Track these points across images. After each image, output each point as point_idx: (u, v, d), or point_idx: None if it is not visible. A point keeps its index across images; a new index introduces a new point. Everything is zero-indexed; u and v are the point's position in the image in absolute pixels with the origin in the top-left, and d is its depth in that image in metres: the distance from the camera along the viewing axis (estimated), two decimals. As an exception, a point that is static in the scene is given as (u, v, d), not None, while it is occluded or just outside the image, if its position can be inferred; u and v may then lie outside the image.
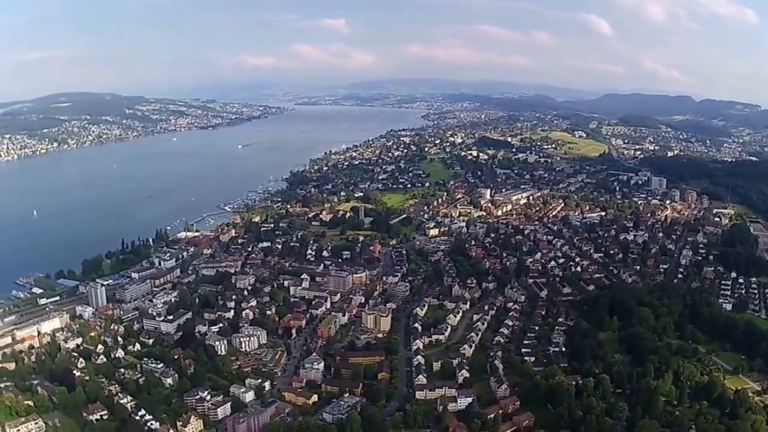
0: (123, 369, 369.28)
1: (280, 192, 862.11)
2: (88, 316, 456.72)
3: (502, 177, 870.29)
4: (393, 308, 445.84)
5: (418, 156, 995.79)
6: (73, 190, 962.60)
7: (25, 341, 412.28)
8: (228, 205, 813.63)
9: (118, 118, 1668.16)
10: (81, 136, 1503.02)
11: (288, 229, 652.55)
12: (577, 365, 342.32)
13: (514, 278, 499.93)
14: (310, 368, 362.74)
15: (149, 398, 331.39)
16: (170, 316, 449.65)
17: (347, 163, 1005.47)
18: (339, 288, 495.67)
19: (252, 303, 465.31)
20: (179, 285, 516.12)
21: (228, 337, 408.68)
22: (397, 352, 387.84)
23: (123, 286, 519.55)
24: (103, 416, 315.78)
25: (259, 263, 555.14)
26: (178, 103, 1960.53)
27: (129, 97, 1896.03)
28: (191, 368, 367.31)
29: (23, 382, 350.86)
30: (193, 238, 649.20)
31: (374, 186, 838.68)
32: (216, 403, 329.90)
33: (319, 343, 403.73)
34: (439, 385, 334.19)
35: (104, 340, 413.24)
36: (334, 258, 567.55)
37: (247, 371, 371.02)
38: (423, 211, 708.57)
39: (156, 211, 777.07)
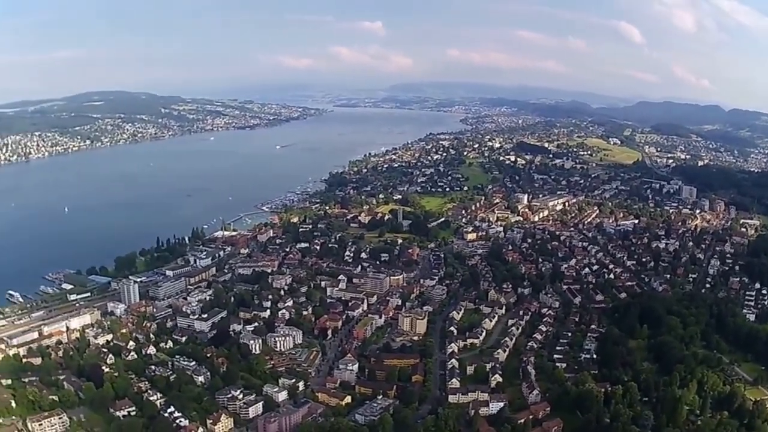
0: (154, 366, 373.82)
1: (318, 193, 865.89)
2: (119, 313, 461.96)
3: (539, 182, 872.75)
4: (429, 311, 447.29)
5: (457, 160, 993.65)
6: (107, 187, 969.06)
7: (53, 337, 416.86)
8: (266, 205, 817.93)
9: (153, 117, 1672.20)
10: (115, 135, 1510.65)
11: (326, 230, 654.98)
12: (607, 372, 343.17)
13: (549, 284, 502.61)
14: (344, 369, 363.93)
15: (180, 396, 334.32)
16: (205, 314, 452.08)
17: (386, 166, 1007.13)
18: (376, 290, 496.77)
19: (288, 303, 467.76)
20: (215, 283, 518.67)
21: (263, 337, 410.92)
22: (432, 355, 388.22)
23: (157, 283, 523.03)
24: (130, 412, 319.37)
25: (296, 263, 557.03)
26: (215, 103, 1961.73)
27: (165, 97, 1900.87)
28: (224, 367, 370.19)
29: (49, 377, 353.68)
30: (230, 237, 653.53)
31: (413, 189, 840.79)
32: (248, 402, 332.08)
33: (354, 344, 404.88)
34: (472, 389, 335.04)
35: (135, 337, 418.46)
36: (372, 260, 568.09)
37: (281, 371, 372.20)
38: (461, 215, 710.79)
39: (193, 210, 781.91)
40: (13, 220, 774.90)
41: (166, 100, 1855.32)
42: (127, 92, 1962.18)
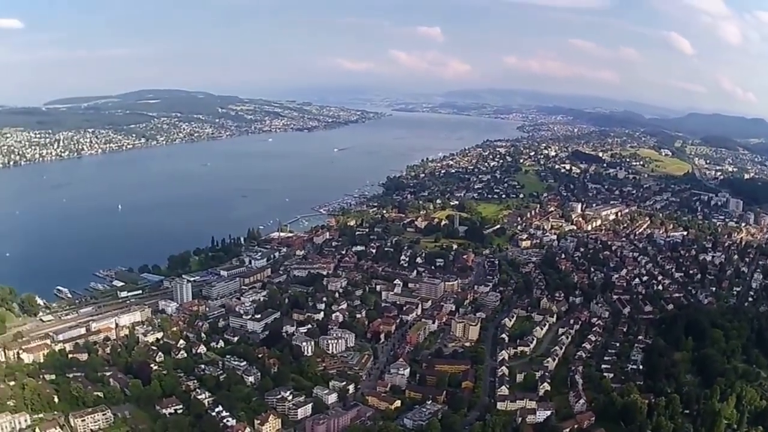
0: (204, 365, 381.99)
1: (376, 197, 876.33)
2: (171, 312, 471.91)
3: (593, 192, 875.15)
4: (482, 318, 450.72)
5: (513, 167, 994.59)
6: (162, 186, 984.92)
7: (101, 333, 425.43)
8: (323, 208, 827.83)
9: (210, 117, 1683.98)
10: (171, 133, 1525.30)
11: (383, 234, 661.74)
12: (652, 384, 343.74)
13: (600, 294, 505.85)
14: (395, 373, 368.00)
15: (228, 395, 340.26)
16: (258, 314, 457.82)
17: (444, 171, 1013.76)
18: (431, 295, 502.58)
19: (342, 306, 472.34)
20: (269, 284, 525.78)
21: (316, 339, 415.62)
22: (483, 361, 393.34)
23: (210, 283, 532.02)
24: (177, 410, 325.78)
25: (352, 267, 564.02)
26: (273, 104, 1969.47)
27: (222, 97, 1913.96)
28: (275, 368, 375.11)
29: (95, 373, 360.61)
30: (286, 239, 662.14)
31: (470, 195, 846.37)
32: (297, 403, 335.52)
33: (406, 348, 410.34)
34: (520, 396, 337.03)
35: (186, 336, 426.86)
36: (427, 265, 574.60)
37: (332, 373, 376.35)
38: (516, 222, 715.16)
39: (249, 210, 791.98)
40: (64, 216, 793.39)
41: (224, 100, 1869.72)
42: (183, 91, 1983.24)
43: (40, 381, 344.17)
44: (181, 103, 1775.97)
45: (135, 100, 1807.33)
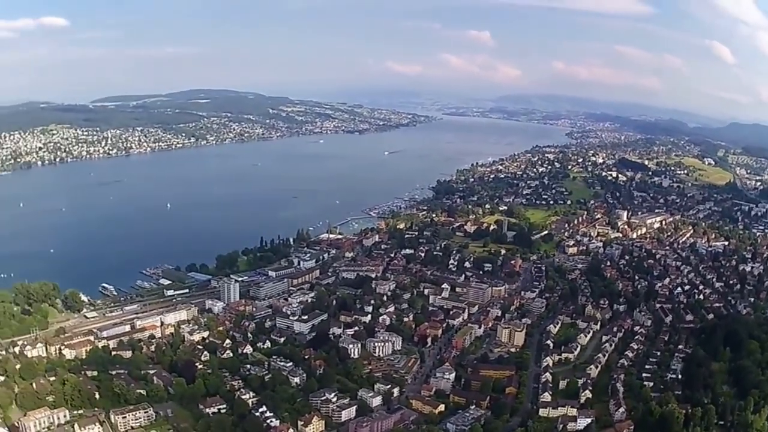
0: (249, 365, 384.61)
1: (426, 200, 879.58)
2: (217, 311, 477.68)
3: (638, 199, 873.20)
4: (528, 324, 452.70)
5: (562, 173, 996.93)
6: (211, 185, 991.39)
7: (146, 331, 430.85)
8: (373, 210, 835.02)
9: (260, 118, 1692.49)
10: (221, 133, 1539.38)
11: (432, 237, 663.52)
12: (690, 394, 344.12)
13: (643, 302, 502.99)
14: (440, 378, 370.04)
15: (273, 396, 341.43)
16: (305, 316, 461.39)
17: (493, 176, 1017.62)
18: (478, 300, 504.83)
19: (390, 309, 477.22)
20: (317, 286, 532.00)
21: (362, 341, 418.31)
22: (527, 367, 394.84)
23: (258, 283, 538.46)
24: (220, 410, 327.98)
25: (400, 270, 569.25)
26: (324, 106, 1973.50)
27: (273, 98, 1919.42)
28: (321, 369, 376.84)
29: (138, 370, 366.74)
30: (336, 241, 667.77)
31: (518, 200, 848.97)
32: (342, 405, 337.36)
33: (452, 353, 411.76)
34: (562, 403, 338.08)
35: (232, 336, 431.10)
36: (475, 269, 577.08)
37: (377, 376, 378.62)
38: (564, 228, 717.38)
39: (298, 211, 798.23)
40: (111, 213, 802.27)
41: (274, 101, 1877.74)
42: (233, 91, 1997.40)
43: (81, 377, 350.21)
44: (231, 103, 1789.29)
45: (185, 100, 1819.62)
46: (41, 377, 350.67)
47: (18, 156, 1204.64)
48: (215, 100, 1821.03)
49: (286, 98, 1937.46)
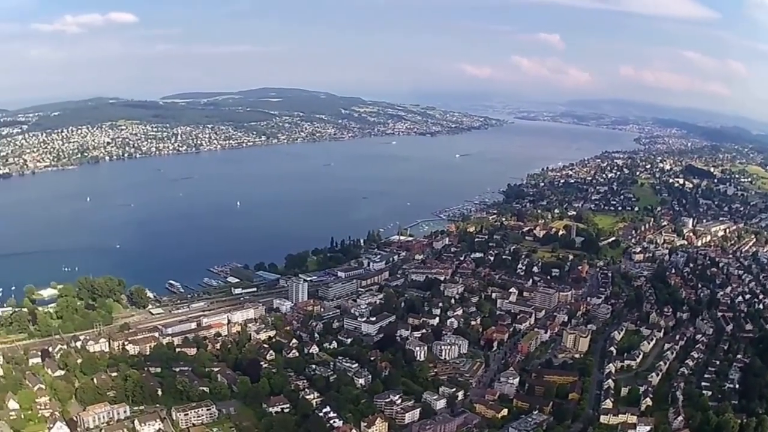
0: (315, 365, 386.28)
1: (496, 204, 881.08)
2: (285, 310, 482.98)
3: (703, 207, 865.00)
4: (593, 330, 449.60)
5: (630, 179, 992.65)
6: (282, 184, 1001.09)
7: (212, 328, 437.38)
8: (443, 213, 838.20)
9: (332, 117, 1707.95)
10: (292, 132, 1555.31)
11: (501, 241, 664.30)
12: (746, 403, 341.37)
13: (706, 310, 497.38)
14: (505, 382, 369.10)
15: (337, 396, 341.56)
16: (373, 317, 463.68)
17: (563, 181, 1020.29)
18: (544, 305, 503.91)
19: (458, 312, 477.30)
20: (386, 288, 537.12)
21: (429, 344, 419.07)
22: (590, 373, 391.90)
23: (327, 283, 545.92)
24: (284, 409, 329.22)
25: (469, 273, 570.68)
26: (396, 107, 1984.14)
27: (345, 98, 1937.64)
28: (386, 371, 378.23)
29: (202, 368, 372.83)
30: (406, 243, 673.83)
31: (587, 206, 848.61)
32: (405, 407, 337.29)
33: (518, 357, 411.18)
34: (623, 410, 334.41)
35: (299, 335, 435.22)
36: (543, 274, 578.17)
37: (442, 379, 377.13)
38: (630, 235, 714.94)
39: (369, 212, 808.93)
40: (180, 210, 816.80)
41: (346, 101, 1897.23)
42: (305, 90, 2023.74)
43: (144, 373, 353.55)
44: (302, 102, 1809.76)
45: (256, 98, 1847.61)
46: (103, 372, 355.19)
47: (85, 151, 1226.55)
48: (287, 99, 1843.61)
49: (358, 98, 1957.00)
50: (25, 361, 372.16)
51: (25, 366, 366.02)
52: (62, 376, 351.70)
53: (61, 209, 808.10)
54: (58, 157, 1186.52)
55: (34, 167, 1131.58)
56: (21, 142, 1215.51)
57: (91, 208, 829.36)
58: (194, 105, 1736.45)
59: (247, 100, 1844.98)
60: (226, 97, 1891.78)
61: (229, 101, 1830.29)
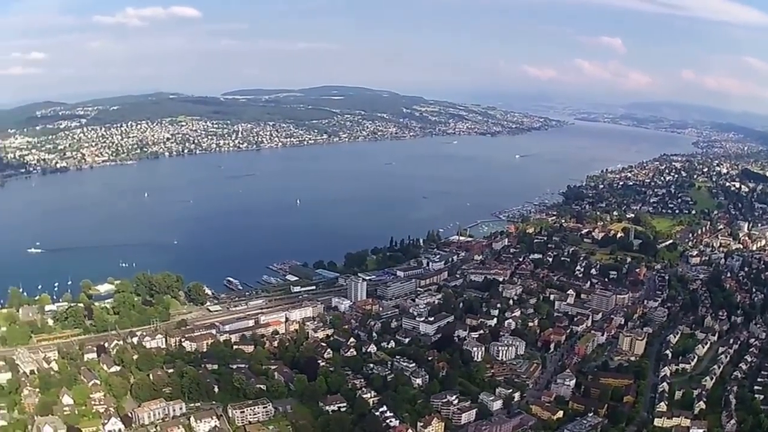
0: (372, 364, 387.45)
1: (555, 205, 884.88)
2: (343, 309, 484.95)
3: (759, 211, 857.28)
4: (649, 332, 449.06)
5: (687, 182, 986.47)
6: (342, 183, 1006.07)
7: (270, 326, 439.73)
8: (503, 214, 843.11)
9: (394, 116, 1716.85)
10: (354, 131, 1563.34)
11: (560, 243, 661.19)
12: None
13: (759, 314, 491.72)
14: (561, 384, 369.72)
15: (394, 396, 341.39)
16: (431, 317, 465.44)
17: (621, 183, 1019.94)
18: (602, 307, 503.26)
19: (516, 313, 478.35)
20: (445, 288, 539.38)
21: (486, 345, 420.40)
22: (645, 376, 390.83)
23: (386, 283, 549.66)
24: (340, 408, 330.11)
25: (527, 274, 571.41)
26: (458, 107, 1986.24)
27: (407, 97, 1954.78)
28: (444, 371, 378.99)
29: (259, 365, 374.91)
30: (465, 243, 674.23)
31: (645, 209, 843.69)
32: (462, 408, 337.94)
33: (574, 359, 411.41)
34: (677, 414, 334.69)
35: (357, 334, 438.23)
36: (601, 277, 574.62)
37: (499, 380, 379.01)
38: (687, 238, 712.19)
39: (429, 212, 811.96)
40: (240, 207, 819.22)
41: (409, 100, 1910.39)
42: (367, 89, 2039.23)
43: (200, 370, 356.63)
44: (364, 100, 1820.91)
45: (318, 96, 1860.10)
46: (159, 368, 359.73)
47: (145, 146, 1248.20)
48: (349, 97, 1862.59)
49: (420, 98, 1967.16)
50: (80, 356, 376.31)
51: (80, 361, 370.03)
52: (118, 372, 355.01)
53: (119, 204, 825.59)
54: (117, 151, 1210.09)
55: (93, 161, 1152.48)
56: (79, 135, 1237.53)
57: (149, 203, 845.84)
58: (255, 102, 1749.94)
59: (309, 98, 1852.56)
60: (288, 94, 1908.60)
61: (290, 98, 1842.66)
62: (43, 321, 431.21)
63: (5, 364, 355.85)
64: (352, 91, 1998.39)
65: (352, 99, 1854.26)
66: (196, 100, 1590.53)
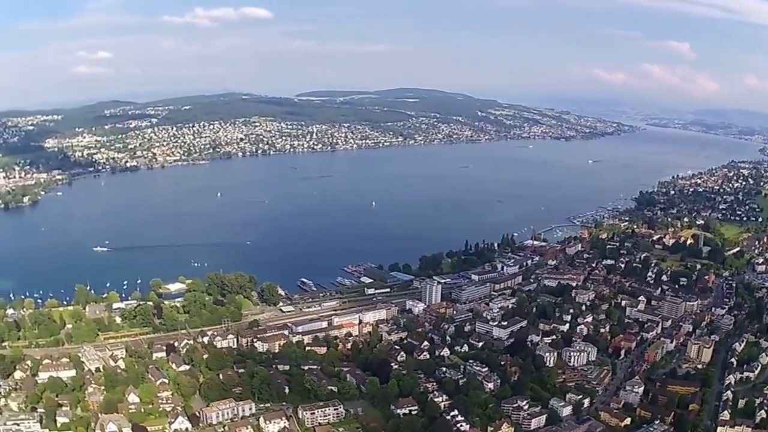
0: (445, 368, 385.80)
1: (627, 211, 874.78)
2: (417, 312, 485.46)
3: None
4: (716, 340, 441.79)
5: (754, 190, 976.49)
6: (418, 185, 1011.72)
7: (343, 328, 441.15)
8: (577, 219, 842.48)
9: (469, 120, 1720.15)
10: (429, 134, 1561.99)
11: (632, 249, 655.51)
12: None
13: None
14: (630, 391, 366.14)
15: (466, 400, 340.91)
16: (504, 321, 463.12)
17: (692, 189, 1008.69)
18: (671, 314, 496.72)
19: (588, 319, 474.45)
20: (518, 292, 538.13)
21: (559, 350, 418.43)
22: (711, 384, 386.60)
23: (461, 286, 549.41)
24: (411, 411, 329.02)
25: (600, 280, 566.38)
26: (531, 111, 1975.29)
27: (482, 100, 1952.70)
28: (515, 376, 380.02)
29: (331, 367, 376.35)
30: (540, 248, 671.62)
31: (714, 215, 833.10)
32: (532, 413, 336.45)
33: (643, 366, 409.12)
34: (738, 422, 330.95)
35: (431, 337, 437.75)
36: (671, 283, 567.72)
37: (570, 386, 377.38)
38: (754, 246, 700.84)
39: (504, 216, 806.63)
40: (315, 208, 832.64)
41: (483, 103, 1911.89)
42: (442, 92, 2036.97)
43: (272, 371, 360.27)
44: (439, 103, 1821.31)
45: (393, 98, 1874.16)
46: (229, 368, 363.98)
47: (217, 146, 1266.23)
48: (424, 99, 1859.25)
49: (494, 101, 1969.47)
50: (148, 354, 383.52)
51: (148, 360, 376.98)
52: (187, 371, 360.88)
53: (191, 204, 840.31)
54: (189, 151, 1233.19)
55: (164, 161, 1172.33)
56: (150, 135, 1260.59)
57: (221, 203, 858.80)
58: (330, 103, 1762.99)
59: (384, 100, 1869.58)
60: (363, 96, 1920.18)
61: (365, 100, 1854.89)
62: (111, 319, 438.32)
63: (70, 361, 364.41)
64: (427, 93, 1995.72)
65: (426, 101, 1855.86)
66: (269, 101, 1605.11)
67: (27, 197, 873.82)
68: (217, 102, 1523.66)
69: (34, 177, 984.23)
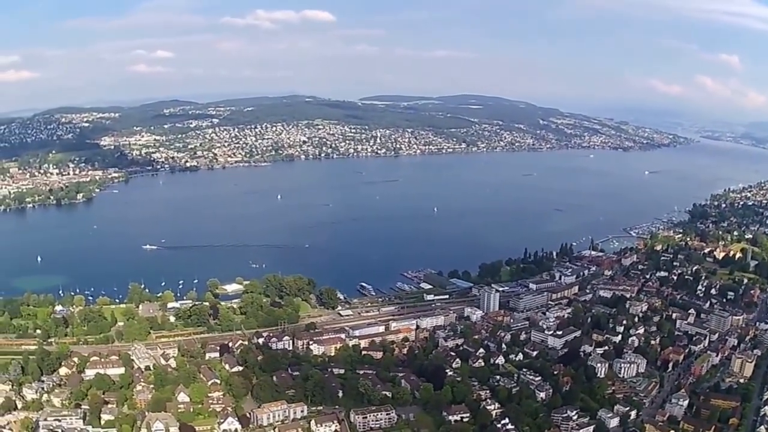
0: (499, 376, 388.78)
1: (681, 223, 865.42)
2: (475, 319, 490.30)
3: None
4: (758, 355, 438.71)
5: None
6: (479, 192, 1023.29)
7: (400, 333, 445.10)
8: (633, 230, 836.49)
9: (531, 128, 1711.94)
10: (492, 141, 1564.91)
11: (684, 261, 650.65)
12: None
13: None
14: (675, 404, 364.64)
15: (517, 408, 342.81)
16: (559, 331, 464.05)
17: (742, 203, 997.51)
18: (718, 328, 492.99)
19: (639, 330, 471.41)
20: (575, 302, 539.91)
21: (610, 361, 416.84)
22: (751, 399, 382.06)
23: (518, 294, 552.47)
24: (463, 418, 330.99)
25: (653, 292, 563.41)
26: (592, 121, 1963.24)
27: (544, 109, 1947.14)
28: (567, 386, 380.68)
29: (386, 372, 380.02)
30: (597, 258, 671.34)
31: (762, 230, 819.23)
32: (581, 424, 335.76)
33: (689, 380, 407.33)
34: None
35: (487, 345, 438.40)
36: (720, 297, 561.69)
37: (618, 397, 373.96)
38: None
39: (562, 225, 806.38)
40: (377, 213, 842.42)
41: (545, 112, 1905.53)
42: (505, 99, 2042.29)
43: (326, 374, 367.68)
44: (502, 111, 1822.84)
45: (456, 104, 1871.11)
46: (283, 371, 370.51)
47: (280, 148, 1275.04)
48: (487, 107, 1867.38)
49: (556, 110, 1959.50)
50: (201, 354, 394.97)
51: (201, 359, 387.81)
52: (240, 372, 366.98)
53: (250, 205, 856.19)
54: (251, 153, 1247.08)
55: (225, 162, 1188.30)
56: (211, 135, 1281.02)
57: (281, 205, 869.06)
58: (394, 108, 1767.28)
59: (447, 106, 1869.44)
60: (426, 101, 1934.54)
61: (429, 106, 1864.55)
62: (164, 318, 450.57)
63: (119, 359, 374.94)
64: (490, 100, 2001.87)
65: (489, 109, 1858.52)
66: (332, 104, 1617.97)
67: (81, 194, 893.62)
68: (279, 104, 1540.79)
69: (89, 174, 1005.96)
